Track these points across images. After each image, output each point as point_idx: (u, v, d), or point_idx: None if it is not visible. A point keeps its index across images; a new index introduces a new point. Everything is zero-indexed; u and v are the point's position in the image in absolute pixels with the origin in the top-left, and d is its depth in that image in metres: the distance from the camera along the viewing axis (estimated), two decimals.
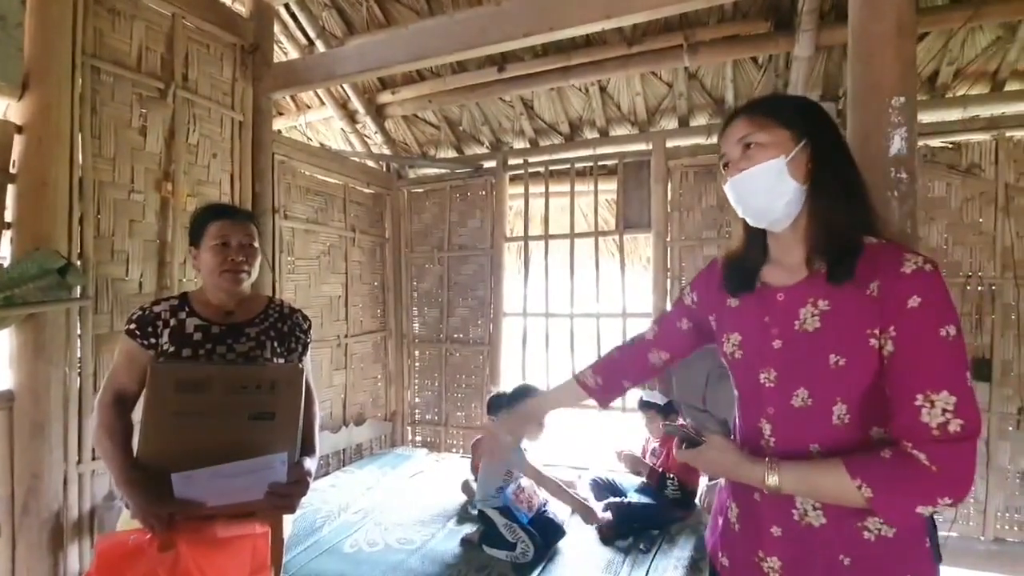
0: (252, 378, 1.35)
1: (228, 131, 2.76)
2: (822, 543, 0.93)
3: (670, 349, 1.25)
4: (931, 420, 0.81)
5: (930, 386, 0.81)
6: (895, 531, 0.89)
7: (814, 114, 0.97)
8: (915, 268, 0.85)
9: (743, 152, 0.96)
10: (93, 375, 2.16)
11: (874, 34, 1.60)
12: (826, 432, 0.92)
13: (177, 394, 1.29)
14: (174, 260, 2.44)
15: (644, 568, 2.18)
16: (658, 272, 3.49)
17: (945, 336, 0.82)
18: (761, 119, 0.95)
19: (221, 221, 1.49)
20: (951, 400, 0.80)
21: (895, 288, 0.85)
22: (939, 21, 2.75)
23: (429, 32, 2.60)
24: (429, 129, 4.30)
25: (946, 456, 0.80)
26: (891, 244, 0.91)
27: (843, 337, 0.90)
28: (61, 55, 2.03)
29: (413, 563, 2.26)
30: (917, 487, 0.81)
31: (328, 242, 3.62)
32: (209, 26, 2.64)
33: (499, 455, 1.31)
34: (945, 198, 2.96)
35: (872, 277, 0.88)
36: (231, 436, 1.30)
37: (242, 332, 1.49)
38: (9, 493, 1.95)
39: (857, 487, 0.83)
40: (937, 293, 0.84)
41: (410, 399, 4.32)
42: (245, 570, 1.32)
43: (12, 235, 1.97)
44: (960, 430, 0.80)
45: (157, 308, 1.47)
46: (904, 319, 0.84)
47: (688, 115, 3.60)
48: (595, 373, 1.33)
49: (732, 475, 1.01)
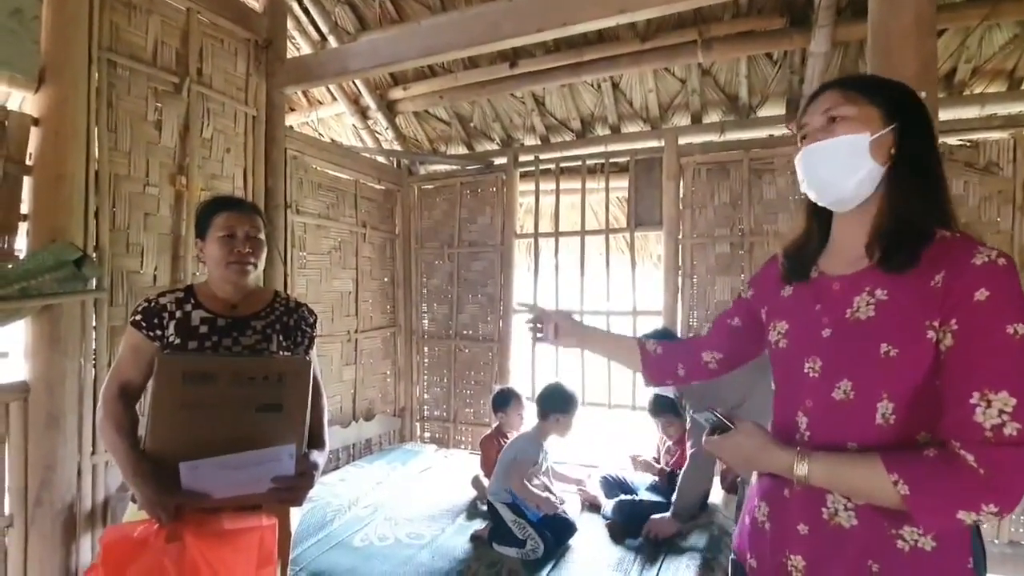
0: (259, 370, 1.35)
1: (241, 126, 2.77)
2: (851, 545, 0.87)
3: (722, 349, 1.21)
4: (985, 420, 0.75)
5: (989, 385, 0.76)
6: (934, 545, 0.83)
7: (909, 99, 0.92)
8: (986, 260, 0.79)
9: (826, 124, 0.91)
10: (108, 367, 2.17)
11: (893, 30, 1.58)
12: (867, 431, 0.86)
13: (184, 386, 1.28)
14: (187, 253, 2.45)
15: (655, 567, 2.17)
16: (669, 270, 3.47)
17: (1012, 334, 0.76)
18: (854, 94, 0.91)
19: (227, 212, 1.48)
20: (1011, 402, 0.74)
21: (962, 279, 0.80)
22: (957, 18, 2.72)
23: (441, 28, 2.59)
24: (440, 125, 4.30)
25: (997, 460, 0.74)
26: (964, 237, 0.85)
27: (898, 326, 0.84)
28: (77, 49, 2.04)
29: (423, 558, 2.26)
30: (960, 489, 0.76)
31: (339, 238, 3.62)
32: (223, 21, 2.64)
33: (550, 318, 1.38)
34: (963, 196, 2.92)
35: (939, 268, 0.82)
36: (238, 428, 1.31)
37: (248, 325, 1.50)
38: (23, 484, 1.96)
39: (893, 482, 0.78)
40: (1009, 288, 0.78)
41: (419, 395, 4.33)
42: (252, 562, 1.32)
43: (29, 227, 1.98)
44: (1016, 435, 0.73)
45: (163, 300, 1.47)
46: (968, 312, 0.79)
47: (701, 112, 3.57)
48: (658, 344, 1.31)
49: (758, 462, 0.96)
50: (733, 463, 1.03)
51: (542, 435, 2.56)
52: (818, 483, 0.87)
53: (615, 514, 2.51)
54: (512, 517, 2.33)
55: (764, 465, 0.96)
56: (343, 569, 2.19)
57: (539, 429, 2.57)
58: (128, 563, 1.22)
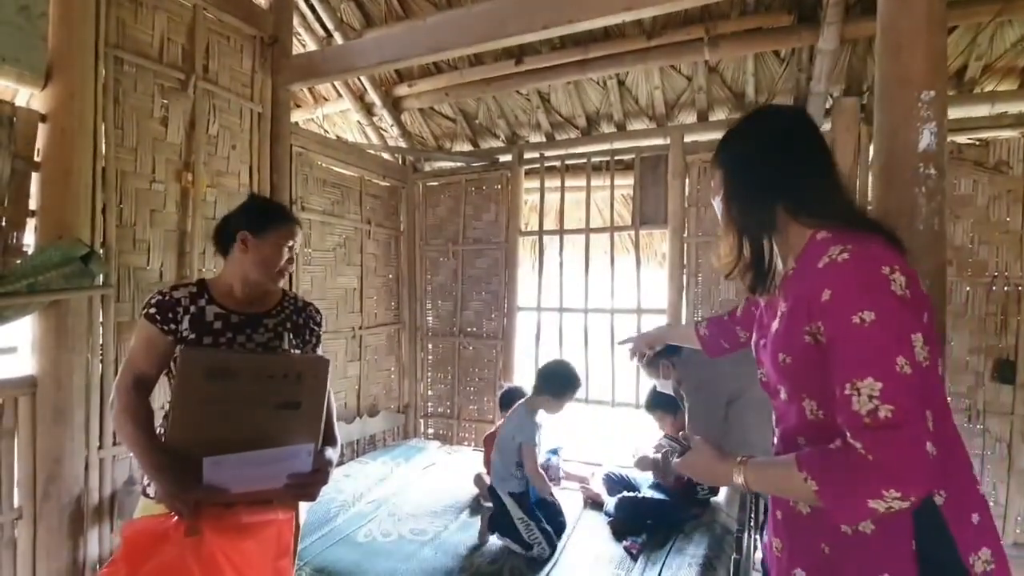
0: (280, 367, 1.37)
1: (247, 122, 2.78)
2: (808, 530, 0.96)
3: (749, 329, 1.35)
4: (860, 408, 0.79)
5: (854, 374, 0.80)
6: (873, 528, 0.88)
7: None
8: (828, 261, 0.86)
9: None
10: (115, 362, 2.19)
11: (903, 27, 1.56)
12: (804, 426, 0.94)
13: (207, 382, 1.29)
14: (194, 250, 2.46)
15: (658, 566, 2.17)
16: (674, 268, 3.45)
17: (860, 323, 0.81)
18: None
19: (291, 226, 1.55)
20: (876, 386, 0.78)
21: (811, 283, 0.88)
22: (968, 15, 2.69)
23: (447, 24, 2.58)
24: (445, 122, 4.30)
25: (879, 443, 0.77)
26: (836, 236, 0.90)
27: (786, 335, 0.94)
28: (84, 45, 2.05)
29: (426, 554, 2.27)
30: (858, 478, 0.79)
31: (344, 234, 3.63)
32: (229, 18, 2.65)
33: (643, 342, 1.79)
34: (971, 196, 2.90)
35: (807, 274, 0.91)
36: (258, 424, 1.32)
37: (260, 323, 1.52)
38: (31, 478, 1.98)
39: (804, 479, 0.83)
40: (846, 280, 0.84)
41: (423, 392, 4.34)
42: (270, 555, 1.34)
43: (36, 223, 1.99)
44: (891, 416, 0.77)
45: (176, 294, 1.47)
46: (821, 313, 0.86)
47: (707, 110, 3.55)
48: (707, 326, 1.58)
49: (712, 475, 1.04)
50: (697, 479, 1.10)
51: (533, 410, 2.45)
52: (756, 489, 0.95)
53: (617, 511, 2.51)
54: (519, 514, 2.30)
55: (715, 478, 1.04)
56: (346, 564, 2.20)
57: (530, 404, 2.47)
58: (148, 557, 1.22)
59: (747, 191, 1.01)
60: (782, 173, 0.98)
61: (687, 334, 1.65)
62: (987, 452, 2.85)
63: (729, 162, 1.04)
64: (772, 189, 0.98)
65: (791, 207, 0.97)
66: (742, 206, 1.01)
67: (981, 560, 0.86)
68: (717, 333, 1.54)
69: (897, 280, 0.83)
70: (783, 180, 0.98)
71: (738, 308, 1.48)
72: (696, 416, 2.02)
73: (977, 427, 2.86)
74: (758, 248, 1.01)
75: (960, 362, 2.89)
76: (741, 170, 1.02)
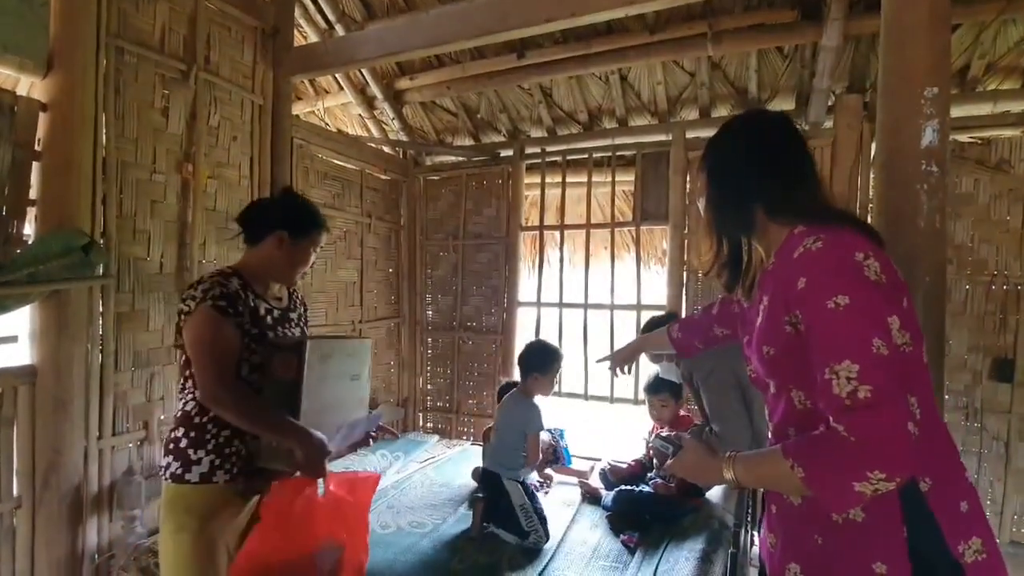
0: (347, 348, 1.67)
1: (248, 114, 2.77)
2: (801, 521, 0.96)
3: (728, 327, 1.45)
4: (840, 391, 0.80)
5: (832, 358, 0.81)
6: (863, 516, 0.88)
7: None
8: (802, 251, 0.88)
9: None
10: (115, 352, 2.19)
11: (907, 24, 1.56)
12: (794, 416, 0.96)
13: (322, 364, 1.54)
14: (194, 241, 2.46)
15: (655, 560, 2.18)
16: (674, 265, 3.45)
17: (835, 308, 0.82)
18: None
19: (324, 235, 1.70)
20: (854, 368, 0.79)
21: (787, 276, 0.89)
22: (971, 13, 2.68)
23: (449, 17, 2.57)
24: (447, 116, 4.29)
25: (861, 423, 0.78)
26: (810, 229, 0.92)
27: (768, 328, 0.96)
28: (86, 35, 2.04)
29: (424, 546, 2.28)
30: (842, 460, 0.79)
31: (344, 227, 3.63)
32: (231, 8, 2.64)
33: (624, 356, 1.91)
34: (973, 194, 2.90)
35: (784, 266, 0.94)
36: (343, 395, 1.64)
37: (287, 316, 1.68)
38: (30, 467, 1.99)
39: (790, 467, 0.83)
40: (819, 267, 0.86)
41: (422, 386, 4.35)
42: (365, 508, 1.63)
43: (37, 213, 1.99)
44: (870, 396, 0.78)
45: (231, 285, 1.50)
46: (798, 302, 0.88)
47: (710, 106, 3.55)
48: (679, 329, 1.64)
49: (704, 473, 1.04)
50: (689, 479, 1.10)
51: (529, 396, 2.44)
52: (746, 484, 0.95)
53: (615, 505, 2.51)
54: (521, 501, 2.29)
55: (707, 476, 1.05)
56: None
57: (524, 391, 2.45)
58: (289, 516, 1.41)
59: (726, 193, 1.05)
60: (760, 176, 1.01)
61: (660, 340, 1.71)
62: (984, 450, 2.86)
63: (711, 165, 1.08)
64: (750, 192, 1.02)
65: (768, 209, 1.01)
66: (721, 207, 1.06)
67: (972, 549, 0.86)
68: (689, 334, 1.60)
69: (871, 265, 0.85)
70: (761, 183, 1.01)
71: (714, 306, 1.53)
72: (722, 418, 2.09)
73: (975, 425, 2.87)
74: (735, 248, 1.07)
75: (958, 360, 2.89)
76: (721, 173, 1.06)
